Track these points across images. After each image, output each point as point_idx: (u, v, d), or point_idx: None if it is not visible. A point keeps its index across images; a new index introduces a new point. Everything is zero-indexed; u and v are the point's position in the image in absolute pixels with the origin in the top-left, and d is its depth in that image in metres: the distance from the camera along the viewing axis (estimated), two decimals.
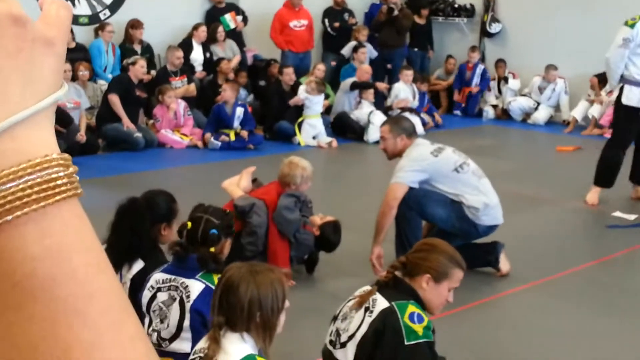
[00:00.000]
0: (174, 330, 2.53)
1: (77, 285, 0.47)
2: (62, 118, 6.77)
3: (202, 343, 2.05)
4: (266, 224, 4.06)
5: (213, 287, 2.35)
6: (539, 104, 9.75)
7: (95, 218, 0.51)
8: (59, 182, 0.48)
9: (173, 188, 3.30)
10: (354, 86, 8.74)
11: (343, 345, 2.45)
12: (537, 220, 5.42)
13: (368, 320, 2.39)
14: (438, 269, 2.46)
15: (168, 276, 2.59)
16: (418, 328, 2.32)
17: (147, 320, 2.62)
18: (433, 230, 4.32)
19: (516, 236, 4.81)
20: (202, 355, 1.99)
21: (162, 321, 2.54)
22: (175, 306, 2.52)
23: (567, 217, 5.55)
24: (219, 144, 7.72)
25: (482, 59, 10.79)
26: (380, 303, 2.40)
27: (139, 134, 7.51)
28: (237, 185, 4.27)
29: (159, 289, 2.59)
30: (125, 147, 7.46)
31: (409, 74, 9.20)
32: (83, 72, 7.76)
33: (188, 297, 2.52)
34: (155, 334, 2.55)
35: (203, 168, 7.14)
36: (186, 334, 2.52)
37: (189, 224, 2.69)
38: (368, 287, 2.52)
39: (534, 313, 3.83)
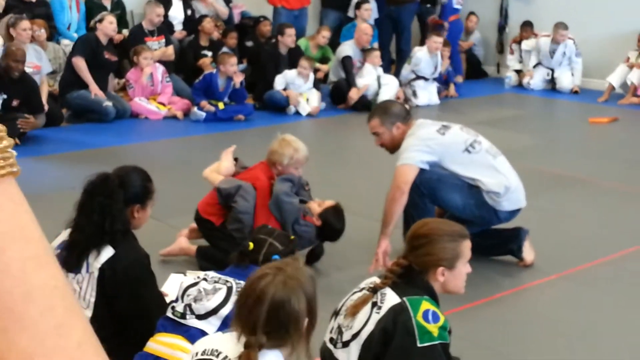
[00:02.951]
0: (205, 312, 2.62)
1: (13, 281, 0.44)
2: (31, 98, 6.65)
3: (218, 344, 2.06)
4: (253, 210, 4.04)
5: None
6: (553, 70, 9.66)
7: (58, 199, 0.48)
8: None
9: (148, 165, 3.27)
10: (343, 63, 8.59)
11: (345, 344, 2.44)
12: (566, 203, 5.41)
13: (376, 317, 2.38)
14: (448, 257, 2.49)
15: (222, 276, 2.73)
16: (433, 328, 2.32)
17: (170, 298, 2.81)
18: (445, 216, 4.30)
19: (541, 221, 4.80)
20: (215, 358, 2.01)
21: (195, 301, 2.64)
22: (221, 293, 2.64)
23: (600, 199, 5.54)
24: (204, 114, 7.67)
25: (505, 19, 10.71)
26: (390, 298, 2.39)
27: (108, 103, 7.45)
28: (217, 171, 4.24)
29: (204, 279, 2.70)
30: (93, 117, 7.41)
31: (438, 41, 8.72)
32: (38, 32, 7.61)
33: (238, 291, 2.63)
34: (182, 306, 2.66)
35: (184, 142, 7.11)
36: (215, 321, 2.61)
37: (251, 244, 2.81)
38: (376, 279, 2.51)
39: (560, 307, 3.84)
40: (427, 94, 8.80)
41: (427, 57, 8.81)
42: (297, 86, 8.11)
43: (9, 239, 0.45)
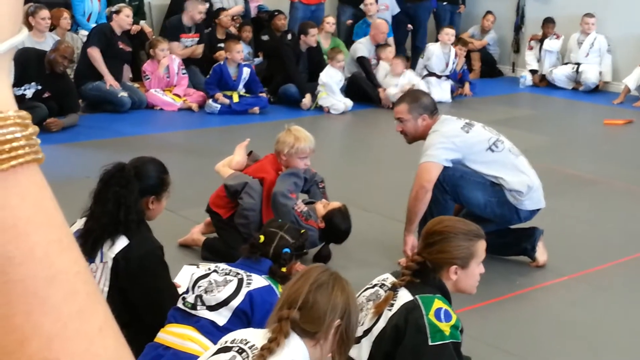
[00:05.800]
0: (215, 303, 2.64)
1: (37, 265, 0.45)
2: (66, 98, 6.68)
3: (248, 335, 2.08)
4: (259, 207, 4.03)
5: (276, 290, 2.64)
6: (578, 65, 9.56)
7: (73, 187, 0.47)
8: (15, 144, 0.46)
9: (163, 156, 3.26)
10: (359, 62, 8.52)
11: (357, 340, 2.42)
12: (580, 204, 5.37)
13: (387, 314, 2.37)
14: (462, 256, 2.47)
15: (232, 268, 2.74)
16: (445, 327, 2.30)
17: (182, 290, 2.83)
18: (461, 213, 4.27)
19: (555, 221, 4.76)
20: (243, 346, 2.02)
21: (206, 292, 2.66)
22: (232, 285, 2.66)
23: (614, 201, 5.50)
24: (218, 107, 7.67)
25: (521, 18, 10.62)
26: (403, 296, 2.38)
27: (124, 93, 7.46)
28: (229, 165, 4.23)
29: (215, 271, 2.72)
30: (109, 108, 7.43)
31: (450, 32, 8.71)
32: (68, 20, 7.68)
33: (249, 283, 2.66)
34: (193, 297, 2.68)
35: (198, 134, 7.11)
36: (226, 312, 2.63)
37: (262, 237, 2.82)
38: (388, 276, 2.50)
39: (573, 308, 3.81)
40: (439, 90, 8.64)
41: (439, 51, 8.73)
42: (337, 81, 8.00)
43: (33, 223, 0.45)
